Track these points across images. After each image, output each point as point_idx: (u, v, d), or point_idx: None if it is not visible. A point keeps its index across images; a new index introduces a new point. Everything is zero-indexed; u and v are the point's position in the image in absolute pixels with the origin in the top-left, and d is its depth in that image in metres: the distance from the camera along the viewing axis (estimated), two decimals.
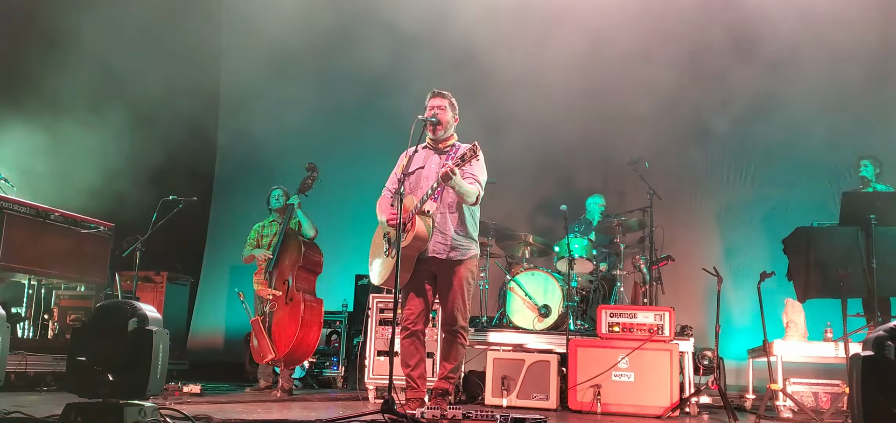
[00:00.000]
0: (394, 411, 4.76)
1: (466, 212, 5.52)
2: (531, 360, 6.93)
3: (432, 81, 6.37)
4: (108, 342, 4.29)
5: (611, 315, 6.91)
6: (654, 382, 6.52)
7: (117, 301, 5.07)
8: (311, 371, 9.24)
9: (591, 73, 10.64)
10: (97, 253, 8.15)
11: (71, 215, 7.92)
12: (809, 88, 9.93)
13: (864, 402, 3.82)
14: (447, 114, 5.58)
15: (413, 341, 5.50)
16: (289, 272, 7.52)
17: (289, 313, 7.41)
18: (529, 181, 10.71)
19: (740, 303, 8.83)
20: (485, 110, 9.75)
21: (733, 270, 9.60)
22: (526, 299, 7.81)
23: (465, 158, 5.12)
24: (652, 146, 9.84)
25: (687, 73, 10.42)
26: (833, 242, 6.88)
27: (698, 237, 10.17)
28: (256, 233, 8.27)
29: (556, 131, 10.58)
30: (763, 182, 10.23)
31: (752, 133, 10.25)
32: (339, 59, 11.70)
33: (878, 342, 3.82)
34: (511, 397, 6.82)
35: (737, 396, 7.80)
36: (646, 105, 10.47)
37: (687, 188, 10.44)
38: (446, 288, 5.48)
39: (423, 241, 5.31)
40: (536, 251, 8.83)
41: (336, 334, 9.40)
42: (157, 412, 4.39)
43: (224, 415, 5.14)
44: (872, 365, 3.81)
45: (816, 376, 6.90)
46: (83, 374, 4.30)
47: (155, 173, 9.91)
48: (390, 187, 5.70)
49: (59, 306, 8.35)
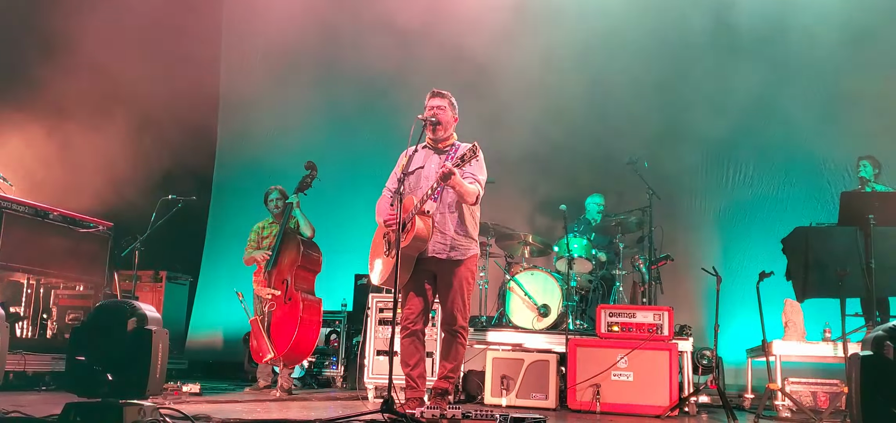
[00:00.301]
0: (393, 410, 4.76)
1: (466, 212, 5.52)
2: (530, 359, 6.94)
3: (432, 79, 6.38)
4: (107, 342, 4.29)
5: (610, 315, 6.91)
6: (653, 381, 6.53)
7: (117, 301, 5.08)
8: (311, 371, 9.24)
9: (590, 72, 10.66)
10: (96, 253, 8.13)
11: (70, 215, 7.91)
12: (808, 87, 9.94)
13: (864, 402, 3.83)
14: (447, 114, 5.58)
15: (413, 341, 5.50)
16: (288, 272, 7.52)
17: (287, 312, 7.41)
18: (529, 181, 10.71)
19: (739, 303, 8.82)
20: (484, 109, 9.76)
21: (732, 269, 9.60)
22: (525, 299, 7.82)
23: (464, 158, 5.12)
24: (651, 146, 9.85)
25: (686, 71, 10.44)
26: (832, 242, 6.88)
27: (697, 237, 10.18)
28: (256, 234, 8.27)
29: (556, 131, 10.59)
30: (762, 182, 10.24)
31: (751, 133, 10.25)
32: (338, 59, 11.71)
33: (877, 342, 3.83)
34: (510, 396, 6.83)
35: (736, 395, 7.82)
36: (645, 104, 10.49)
37: (686, 188, 10.44)
38: (446, 288, 5.48)
39: (423, 241, 5.31)
40: (536, 251, 8.84)
41: (335, 333, 9.39)
42: (156, 411, 4.39)
43: (224, 415, 5.15)
44: (872, 365, 3.82)
45: (815, 375, 6.92)
46: (82, 373, 4.30)
47: (154, 173, 9.91)
48: (390, 187, 5.70)
49: (58, 306, 8.33)
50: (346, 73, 11.70)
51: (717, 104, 10.26)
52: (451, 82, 6.31)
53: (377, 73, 11.17)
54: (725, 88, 10.27)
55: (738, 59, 10.31)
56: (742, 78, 10.17)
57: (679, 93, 10.34)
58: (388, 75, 11.02)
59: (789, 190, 10.00)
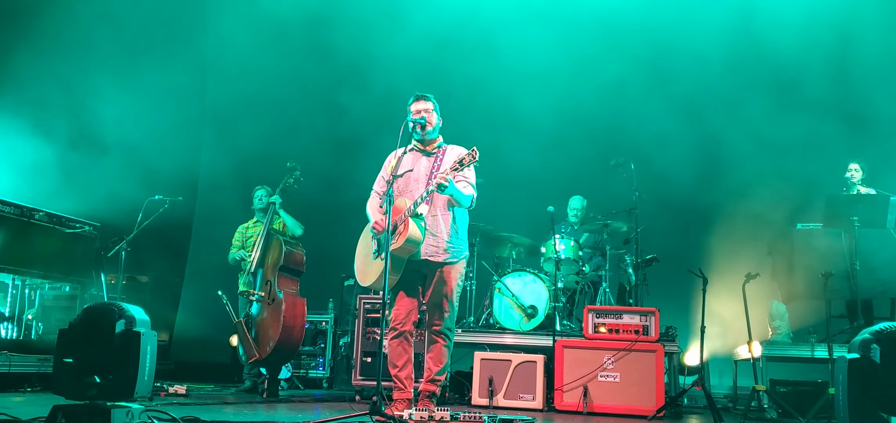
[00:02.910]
0: (381, 412, 4.76)
1: (458, 214, 5.54)
2: (518, 361, 6.95)
3: (417, 81, 6.39)
4: (95, 344, 4.27)
5: (597, 316, 6.94)
6: (639, 382, 6.55)
7: (105, 303, 5.05)
8: (297, 372, 9.21)
9: (577, 74, 10.69)
10: (82, 253, 8.09)
11: (55, 215, 7.86)
12: (795, 88, 10.01)
13: (851, 404, 3.86)
14: (433, 116, 5.59)
15: (401, 342, 5.50)
16: (271, 273, 7.49)
17: (272, 313, 7.38)
18: (516, 182, 10.72)
19: (725, 304, 8.87)
20: (472, 111, 9.77)
21: (718, 271, 9.64)
22: (513, 301, 7.83)
23: (463, 163, 5.12)
24: (637, 147, 9.88)
25: (673, 72, 10.48)
26: (816, 243, 6.94)
27: (684, 238, 10.20)
28: (241, 234, 8.25)
29: (544, 133, 10.61)
30: (748, 183, 10.28)
31: (738, 133, 10.29)
32: (324, 59, 11.67)
33: (863, 345, 3.87)
34: (498, 397, 6.84)
35: (721, 397, 7.86)
36: (631, 106, 10.52)
37: (673, 189, 10.47)
38: (436, 290, 5.48)
39: (415, 244, 5.31)
40: (523, 252, 8.85)
41: (322, 334, 9.37)
42: (144, 413, 4.37)
43: (211, 416, 5.12)
44: (858, 368, 3.85)
45: (800, 376, 6.96)
46: (70, 375, 4.28)
47: (140, 174, 9.86)
48: (378, 190, 5.70)
49: (44, 306, 8.29)
50: (333, 72, 11.67)
51: (704, 104, 10.32)
52: (438, 83, 6.33)
53: (363, 72, 11.16)
54: (712, 87, 10.33)
55: (725, 60, 10.36)
56: (729, 77, 10.23)
57: (666, 93, 10.38)
58: (374, 75, 11.01)
59: (775, 191, 10.04)
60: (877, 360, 3.80)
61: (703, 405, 7.05)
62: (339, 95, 11.42)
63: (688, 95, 10.47)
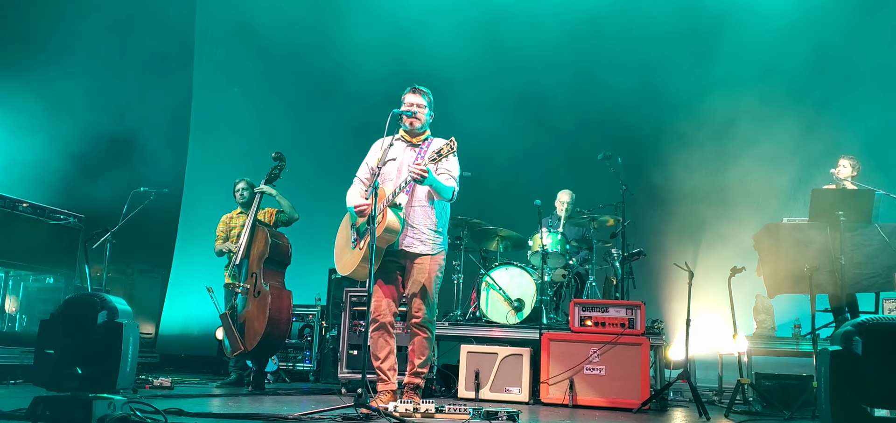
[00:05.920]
0: (366, 404, 4.75)
1: (438, 206, 5.53)
2: (504, 354, 6.95)
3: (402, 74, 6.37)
4: (77, 335, 4.25)
5: (583, 309, 6.94)
6: (625, 375, 6.56)
7: (87, 294, 5.02)
8: (284, 366, 9.18)
9: (565, 67, 10.70)
10: (67, 244, 8.04)
11: (40, 206, 7.81)
12: (783, 82, 10.04)
13: (832, 396, 3.87)
14: (423, 112, 5.57)
15: (382, 334, 5.49)
16: (256, 265, 7.43)
17: (257, 305, 7.33)
18: (503, 175, 10.72)
19: (710, 298, 8.89)
20: (458, 104, 9.75)
21: (704, 265, 9.67)
22: (499, 294, 7.83)
23: (441, 154, 5.12)
24: (625, 141, 9.90)
25: (661, 66, 10.50)
26: (802, 238, 6.95)
27: (670, 232, 10.23)
28: (224, 224, 8.18)
29: (531, 126, 10.61)
30: (735, 177, 10.32)
31: (725, 128, 10.32)
32: (310, 51, 11.66)
33: (845, 337, 3.87)
34: (484, 390, 6.84)
35: (707, 390, 7.87)
36: (619, 99, 10.53)
37: (659, 183, 10.49)
38: (415, 282, 5.47)
39: (393, 233, 5.30)
40: (510, 246, 8.84)
41: (309, 327, 9.34)
42: (126, 405, 4.34)
43: (196, 409, 5.10)
44: (840, 360, 3.86)
45: (785, 370, 6.98)
46: (51, 367, 4.25)
47: (126, 164, 9.82)
48: (362, 177, 5.68)
49: (28, 298, 8.23)
50: (319, 64, 11.65)
51: (692, 98, 10.34)
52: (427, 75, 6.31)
53: (348, 65, 11.15)
54: (700, 82, 10.36)
55: (715, 55, 10.39)
56: (717, 71, 10.26)
57: (653, 87, 10.40)
58: (360, 68, 11.00)
59: (762, 185, 10.08)
60: (858, 352, 3.80)
61: (689, 399, 7.06)
62: (325, 85, 11.44)
63: (677, 89, 10.50)
